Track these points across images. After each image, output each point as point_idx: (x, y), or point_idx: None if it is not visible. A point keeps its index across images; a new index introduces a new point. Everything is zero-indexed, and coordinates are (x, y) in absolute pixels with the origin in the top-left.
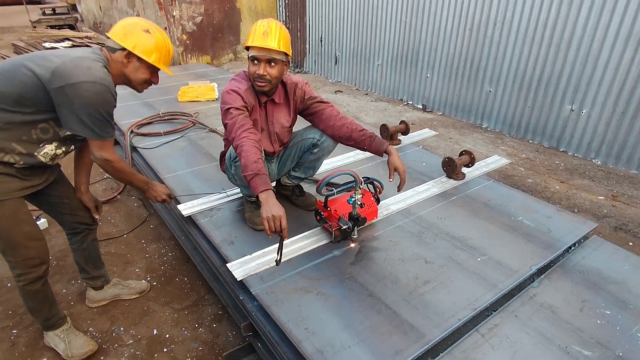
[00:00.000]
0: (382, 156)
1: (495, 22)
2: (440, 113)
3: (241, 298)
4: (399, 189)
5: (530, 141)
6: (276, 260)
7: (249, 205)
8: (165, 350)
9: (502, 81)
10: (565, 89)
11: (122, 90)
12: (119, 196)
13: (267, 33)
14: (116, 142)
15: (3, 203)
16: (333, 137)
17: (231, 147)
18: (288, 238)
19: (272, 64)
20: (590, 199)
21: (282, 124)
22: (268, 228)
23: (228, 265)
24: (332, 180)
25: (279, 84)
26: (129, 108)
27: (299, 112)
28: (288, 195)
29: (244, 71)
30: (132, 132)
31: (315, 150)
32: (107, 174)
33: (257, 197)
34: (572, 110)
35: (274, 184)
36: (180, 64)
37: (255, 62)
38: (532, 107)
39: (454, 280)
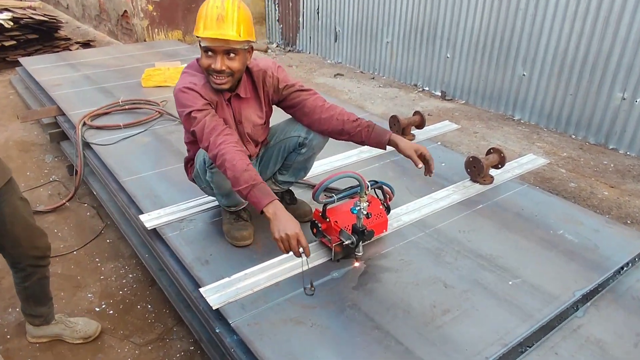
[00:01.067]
0: (384, 148)
1: None
2: (463, 102)
3: (217, 331)
4: (430, 173)
5: (573, 136)
6: (305, 288)
7: (227, 216)
8: None
9: (538, 63)
10: (616, 73)
11: (73, 73)
12: (67, 203)
13: (221, 17)
14: (65, 137)
15: None
16: (321, 132)
17: (201, 152)
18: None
19: (232, 54)
20: None
21: (254, 121)
22: (284, 250)
23: (201, 290)
24: (331, 185)
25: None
26: (81, 94)
27: (274, 104)
28: None
29: (197, 59)
30: (84, 124)
31: (304, 151)
32: (54, 176)
33: (262, 212)
34: (624, 99)
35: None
36: (144, 40)
37: (210, 53)
38: (575, 95)
39: (479, 308)
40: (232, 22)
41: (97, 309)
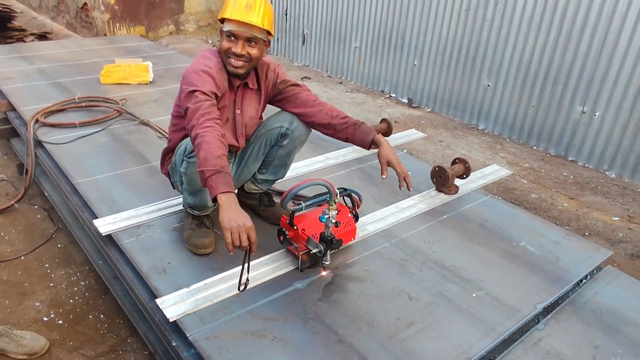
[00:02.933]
0: (367, 148)
1: (497, 3)
2: (429, 110)
3: (174, 344)
4: (408, 187)
5: (535, 147)
6: (240, 284)
7: (189, 221)
8: None
9: (502, 74)
10: (577, 87)
11: (27, 66)
12: (16, 205)
13: (250, 5)
14: (15, 134)
15: None
16: (307, 124)
17: (185, 140)
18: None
19: (253, 43)
20: (603, 220)
21: (252, 113)
22: (231, 242)
23: (158, 301)
24: (299, 192)
25: None
26: (35, 89)
27: (269, 98)
28: (254, 205)
29: (211, 49)
30: (37, 121)
31: (285, 142)
32: (2, 175)
33: (216, 199)
34: (584, 112)
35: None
36: (105, 35)
37: (232, 38)
38: (538, 107)
39: (443, 321)
40: (259, 12)
41: (46, 319)
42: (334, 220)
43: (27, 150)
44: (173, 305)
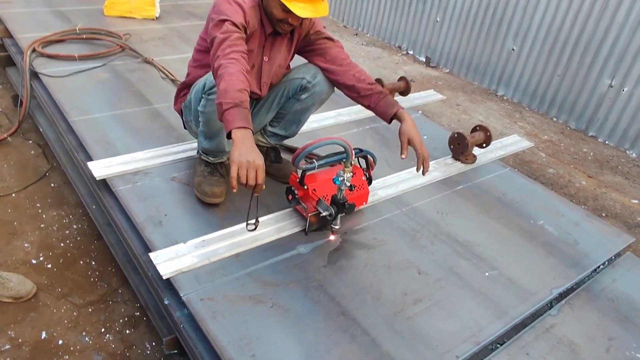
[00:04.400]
0: (389, 122)
1: None
2: (448, 70)
3: (166, 302)
4: (423, 172)
5: (554, 119)
6: (248, 224)
7: (202, 168)
8: None
9: (529, 39)
10: (607, 58)
11: None
12: (9, 138)
13: None
14: (11, 63)
15: None
16: (332, 82)
17: (206, 76)
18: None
19: None
20: (621, 202)
21: (280, 62)
22: (236, 177)
23: (151, 255)
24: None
25: None
26: (34, 16)
27: (297, 50)
28: None
29: None
30: (34, 50)
31: (304, 96)
32: None
33: (230, 133)
34: (611, 87)
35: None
36: None
37: (288, 12)
38: (563, 76)
39: (453, 300)
40: None
41: (34, 262)
42: (348, 183)
43: (22, 81)
44: (167, 261)
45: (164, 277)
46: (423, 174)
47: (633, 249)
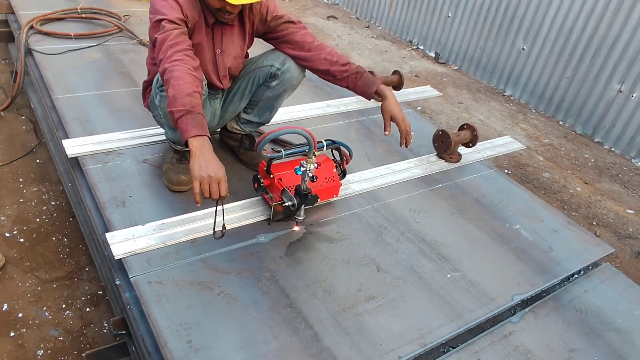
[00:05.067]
0: (369, 99)
1: None
2: (456, 67)
3: (117, 283)
4: (406, 145)
5: (560, 122)
6: (215, 231)
7: (171, 155)
8: (12, 334)
9: (540, 39)
10: (618, 62)
11: None
12: (2, 113)
13: None
14: (13, 38)
15: None
16: (305, 68)
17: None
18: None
19: None
20: (615, 211)
21: (235, 53)
22: (199, 192)
23: (108, 235)
24: (285, 139)
25: None
26: None
27: (257, 35)
28: (234, 146)
29: None
30: (32, 27)
31: (274, 84)
32: None
33: (187, 143)
34: (620, 92)
35: (217, 131)
36: None
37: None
38: (572, 79)
39: (407, 299)
40: None
41: (7, 235)
42: (310, 174)
43: (17, 57)
44: (123, 241)
45: (116, 258)
46: (406, 146)
47: (620, 260)
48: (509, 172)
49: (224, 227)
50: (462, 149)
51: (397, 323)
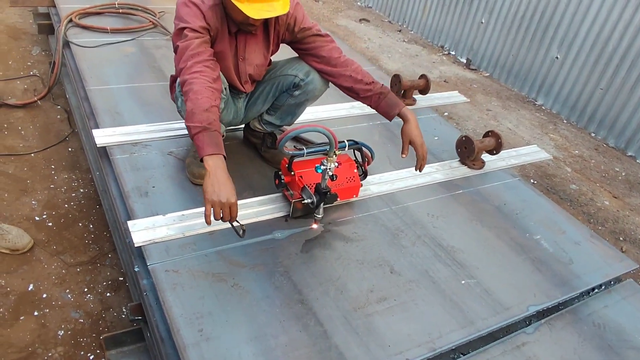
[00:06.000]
0: (390, 120)
1: None
2: (487, 74)
3: (136, 269)
4: (419, 169)
5: (592, 134)
6: (237, 231)
7: (194, 149)
8: (35, 313)
9: (575, 48)
10: None
11: None
12: (39, 102)
13: None
14: (52, 31)
15: None
16: (329, 82)
17: None
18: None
19: None
20: None
21: (258, 61)
22: (210, 214)
23: (129, 223)
24: (307, 137)
25: None
26: None
27: (284, 42)
28: (257, 144)
29: None
30: (70, 21)
31: (297, 93)
32: (35, 70)
33: (202, 160)
34: None
35: (241, 127)
36: None
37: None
38: (606, 90)
39: (419, 303)
40: None
41: (37, 218)
42: (330, 173)
43: (56, 48)
44: (143, 230)
45: (136, 245)
46: (419, 170)
47: None
48: (535, 181)
49: (243, 230)
50: (486, 156)
51: (407, 326)
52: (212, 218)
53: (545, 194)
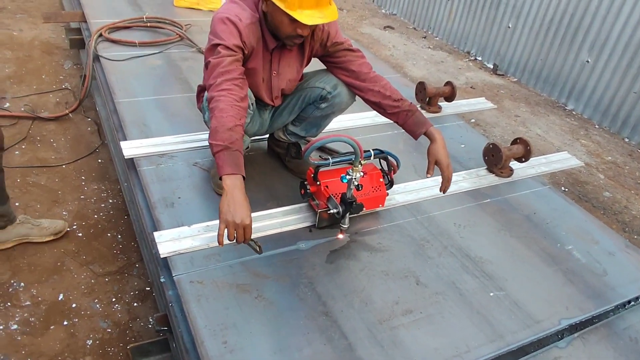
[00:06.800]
0: (416, 139)
1: None
2: (515, 79)
3: (162, 280)
4: (443, 190)
5: (626, 139)
6: (254, 248)
7: None
8: (65, 323)
9: (606, 51)
10: None
11: None
12: (71, 115)
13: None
14: (83, 45)
15: None
16: (358, 97)
17: None
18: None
19: None
20: None
21: (291, 76)
22: (223, 234)
23: (155, 234)
24: (328, 145)
25: None
26: (109, 3)
27: (315, 56)
28: (281, 154)
29: None
30: (100, 35)
31: (323, 106)
32: (67, 84)
33: (221, 179)
34: None
35: (266, 137)
36: None
37: (295, 21)
38: None
39: (446, 316)
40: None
41: (68, 229)
42: (356, 183)
43: (86, 62)
44: (169, 241)
45: (162, 256)
46: (443, 192)
47: None
48: (566, 189)
49: (259, 246)
50: (514, 164)
51: (433, 339)
52: (225, 238)
53: (577, 202)
